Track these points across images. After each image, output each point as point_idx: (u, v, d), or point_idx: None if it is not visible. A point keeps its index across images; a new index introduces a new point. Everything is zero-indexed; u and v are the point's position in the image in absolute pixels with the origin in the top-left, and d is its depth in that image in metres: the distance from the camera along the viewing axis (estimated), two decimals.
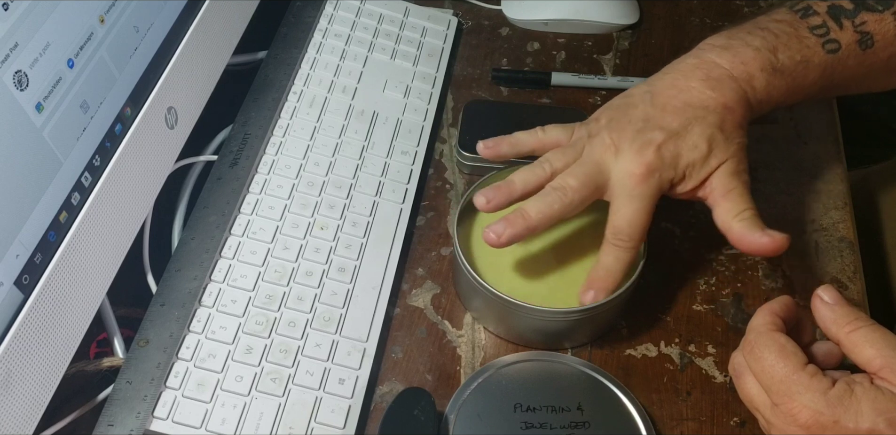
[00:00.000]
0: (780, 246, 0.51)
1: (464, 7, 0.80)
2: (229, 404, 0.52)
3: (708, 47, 0.57)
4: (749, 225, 0.52)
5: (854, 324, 0.47)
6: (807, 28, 0.56)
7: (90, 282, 0.50)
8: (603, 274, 0.53)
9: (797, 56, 0.55)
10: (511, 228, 0.53)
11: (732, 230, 0.52)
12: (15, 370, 0.44)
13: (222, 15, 0.63)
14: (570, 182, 0.54)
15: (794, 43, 0.56)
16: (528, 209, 0.54)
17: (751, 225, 0.52)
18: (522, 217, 0.53)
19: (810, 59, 0.56)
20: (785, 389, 0.46)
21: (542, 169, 0.56)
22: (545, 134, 0.59)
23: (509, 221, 0.53)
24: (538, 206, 0.54)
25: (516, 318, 0.55)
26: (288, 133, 0.65)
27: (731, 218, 0.53)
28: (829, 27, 0.56)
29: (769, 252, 0.52)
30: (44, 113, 0.45)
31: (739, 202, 0.53)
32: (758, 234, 0.52)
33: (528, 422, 0.52)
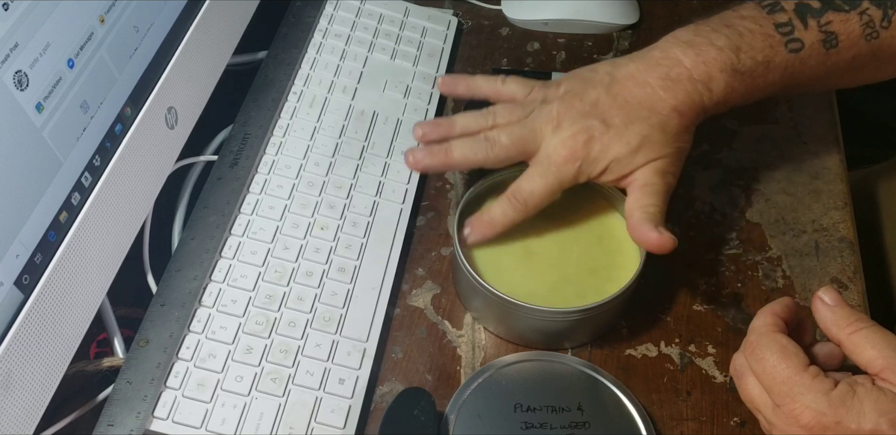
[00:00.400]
0: (665, 244, 0.53)
1: (464, 7, 0.80)
2: (229, 404, 0.52)
3: (674, 41, 0.57)
4: (647, 218, 0.54)
5: (855, 325, 0.47)
6: (772, 25, 0.56)
7: (90, 282, 0.50)
8: (487, 220, 0.57)
9: (759, 56, 0.55)
10: (430, 158, 0.57)
11: (631, 219, 0.54)
12: (15, 370, 0.44)
13: (222, 15, 0.63)
14: (502, 139, 0.56)
15: (757, 42, 0.56)
16: (453, 148, 0.57)
17: (649, 218, 0.54)
18: (445, 153, 0.57)
19: (772, 59, 0.56)
20: (787, 390, 0.46)
21: (486, 119, 0.58)
22: (504, 85, 0.61)
23: (432, 151, 0.57)
24: (463, 149, 0.57)
25: (516, 318, 0.55)
26: (288, 133, 0.65)
27: (635, 207, 0.55)
28: (794, 26, 0.56)
29: (654, 247, 0.53)
30: (44, 113, 0.45)
31: (651, 197, 0.55)
32: (649, 226, 0.53)
33: (528, 422, 0.52)
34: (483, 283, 0.54)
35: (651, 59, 0.57)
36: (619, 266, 0.57)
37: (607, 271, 0.57)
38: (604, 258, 0.58)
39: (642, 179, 0.55)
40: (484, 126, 0.58)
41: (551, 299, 0.55)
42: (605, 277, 0.57)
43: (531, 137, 0.56)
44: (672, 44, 0.57)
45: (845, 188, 0.68)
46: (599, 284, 0.56)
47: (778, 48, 0.56)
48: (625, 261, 0.57)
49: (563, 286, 0.56)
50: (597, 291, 0.55)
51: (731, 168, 0.69)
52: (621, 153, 0.55)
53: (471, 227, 0.57)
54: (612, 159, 0.55)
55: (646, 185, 0.55)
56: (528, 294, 0.54)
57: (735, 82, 0.55)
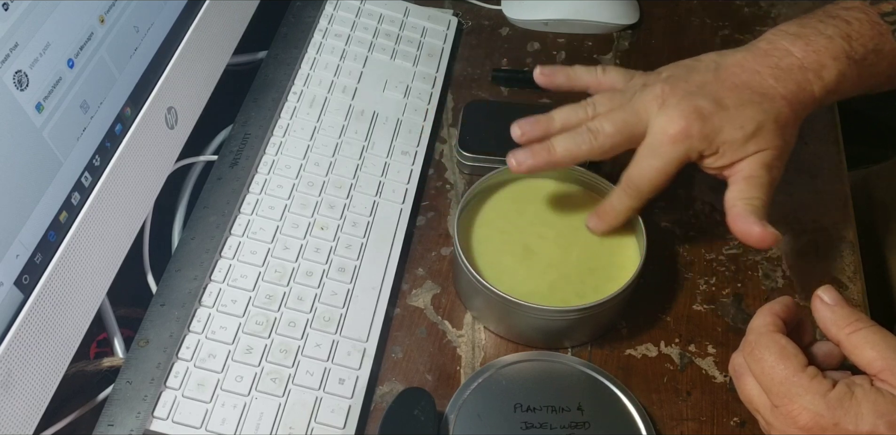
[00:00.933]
0: (767, 239, 0.51)
1: (464, 7, 0.80)
2: (229, 404, 0.52)
3: (781, 34, 0.56)
4: (751, 210, 0.52)
5: (854, 325, 0.47)
6: (878, 14, 0.55)
7: (90, 282, 0.50)
8: (608, 210, 0.57)
9: (870, 44, 0.55)
10: (534, 158, 0.55)
11: (734, 209, 0.53)
12: (15, 370, 0.44)
13: (222, 15, 0.63)
14: (605, 126, 0.54)
15: (866, 30, 0.55)
16: (555, 144, 0.55)
17: (753, 211, 0.52)
18: (548, 151, 0.54)
19: (882, 47, 0.55)
20: (785, 391, 0.46)
21: (585, 111, 0.56)
22: (604, 74, 0.59)
23: (534, 150, 0.55)
24: (566, 143, 0.54)
25: (516, 317, 0.55)
26: (288, 133, 0.65)
27: (738, 198, 0.53)
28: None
29: (755, 241, 0.52)
30: (44, 113, 0.45)
31: (756, 189, 0.53)
32: (753, 219, 0.52)
33: (528, 422, 0.52)
34: (483, 282, 0.54)
35: (759, 50, 0.56)
36: (618, 266, 0.57)
37: (607, 271, 0.57)
38: (604, 258, 0.58)
39: (748, 170, 0.53)
40: (584, 117, 0.56)
41: (551, 298, 0.55)
42: (604, 277, 0.57)
43: (636, 120, 0.54)
44: (779, 36, 0.56)
45: (845, 188, 0.68)
46: (599, 284, 0.56)
47: (887, 36, 0.55)
48: (625, 260, 0.57)
49: (563, 285, 0.56)
50: (596, 291, 0.55)
51: None
52: (735, 137, 0.53)
53: (595, 218, 0.57)
54: (723, 141, 0.53)
55: (751, 177, 0.53)
56: (528, 293, 0.54)
57: (848, 69, 0.54)
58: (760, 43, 0.56)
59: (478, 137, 0.67)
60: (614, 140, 0.54)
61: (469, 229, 0.59)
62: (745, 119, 0.53)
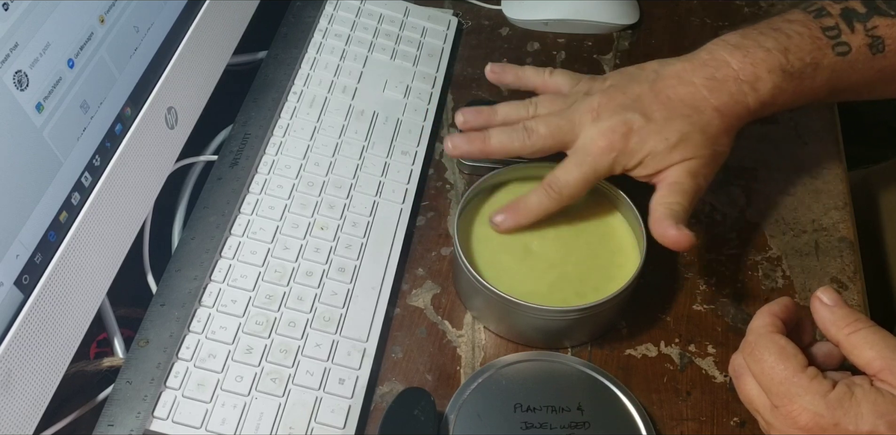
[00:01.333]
0: (682, 241, 0.53)
1: (464, 7, 0.80)
2: (229, 404, 0.52)
3: (722, 44, 0.57)
4: (668, 214, 0.54)
5: (853, 326, 0.47)
6: (819, 29, 0.56)
7: (90, 282, 0.50)
8: (522, 207, 0.58)
9: (807, 58, 0.56)
10: (468, 144, 0.59)
11: (654, 213, 0.55)
12: (15, 370, 0.44)
13: (222, 15, 0.63)
14: (539, 128, 0.57)
15: (805, 44, 0.56)
16: (491, 135, 0.58)
17: (670, 215, 0.54)
18: (483, 140, 0.58)
19: (820, 60, 0.56)
20: (785, 392, 0.46)
21: (527, 109, 0.60)
22: (551, 77, 0.62)
23: (470, 138, 0.59)
24: (501, 137, 0.58)
25: (516, 317, 0.55)
26: (288, 133, 0.65)
27: (659, 203, 0.55)
28: (840, 29, 0.56)
29: (671, 243, 0.54)
30: (44, 113, 0.45)
31: (677, 195, 0.55)
32: (669, 223, 0.54)
33: (528, 422, 0.52)
34: (483, 282, 0.54)
35: (698, 60, 0.57)
36: (618, 265, 0.57)
37: (607, 271, 0.57)
38: (604, 257, 0.58)
39: (672, 177, 0.56)
40: (524, 115, 0.59)
41: (551, 298, 0.55)
42: (604, 277, 0.57)
43: (569, 128, 0.57)
44: (719, 46, 0.57)
45: (845, 188, 0.68)
46: (599, 284, 0.56)
47: (826, 50, 0.56)
48: (625, 260, 0.57)
49: (563, 285, 0.56)
50: (596, 291, 0.55)
51: (731, 168, 0.68)
52: (657, 148, 0.55)
53: (505, 213, 0.58)
54: (647, 153, 0.55)
55: (675, 184, 0.55)
56: (528, 293, 0.54)
57: (783, 83, 0.56)
58: (701, 53, 0.58)
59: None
60: (545, 142, 0.57)
61: (469, 229, 0.59)
62: (671, 131, 0.55)
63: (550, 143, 0.57)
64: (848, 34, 0.56)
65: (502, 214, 0.58)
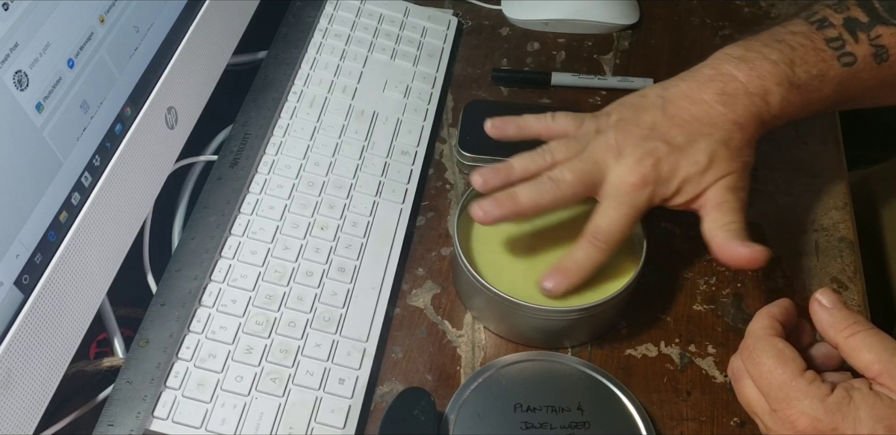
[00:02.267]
0: (758, 258, 0.52)
1: (464, 7, 0.80)
2: (229, 404, 0.52)
3: (725, 58, 0.56)
4: (732, 236, 0.53)
5: (852, 328, 0.47)
6: (823, 40, 0.56)
7: (90, 282, 0.50)
8: (571, 266, 0.54)
9: (813, 70, 0.55)
10: (499, 208, 0.55)
11: (715, 239, 0.53)
12: (15, 370, 0.44)
13: (222, 15, 0.63)
14: (566, 175, 0.55)
15: (810, 56, 0.55)
16: (519, 194, 0.55)
17: (733, 236, 0.53)
18: (512, 200, 0.55)
19: (826, 72, 0.55)
20: (783, 396, 0.45)
21: (543, 158, 0.56)
22: (554, 121, 0.59)
23: (499, 201, 0.55)
24: (530, 193, 0.55)
25: (516, 317, 0.55)
26: (288, 133, 0.65)
27: (716, 227, 0.53)
28: (844, 40, 0.56)
29: (746, 263, 0.52)
30: (44, 113, 0.45)
31: (729, 214, 0.54)
32: (736, 243, 0.52)
33: (528, 422, 0.52)
34: (483, 282, 0.54)
35: (703, 77, 0.56)
36: (618, 266, 0.57)
37: (607, 271, 0.57)
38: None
39: (715, 199, 0.54)
40: (543, 165, 0.56)
41: (551, 299, 0.55)
42: (604, 277, 0.57)
43: (594, 169, 0.55)
44: (723, 60, 0.56)
45: (845, 188, 0.68)
46: (599, 284, 0.56)
47: (831, 62, 0.55)
48: (625, 260, 0.57)
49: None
50: (596, 291, 0.55)
51: None
52: (691, 172, 0.54)
53: (554, 278, 0.54)
54: (682, 179, 0.54)
55: (721, 204, 0.54)
56: (528, 293, 0.54)
57: (791, 96, 0.55)
58: (704, 69, 0.57)
59: (478, 137, 0.67)
60: (575, 189, 0.55)
61: (469, 229, 0.59)
62: (698, 153, 0.54)
63: (580, 189, 0.55)
64: (852, 44, 0.56)
65: (552, 280, 0.54)
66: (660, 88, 0.57)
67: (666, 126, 0.55)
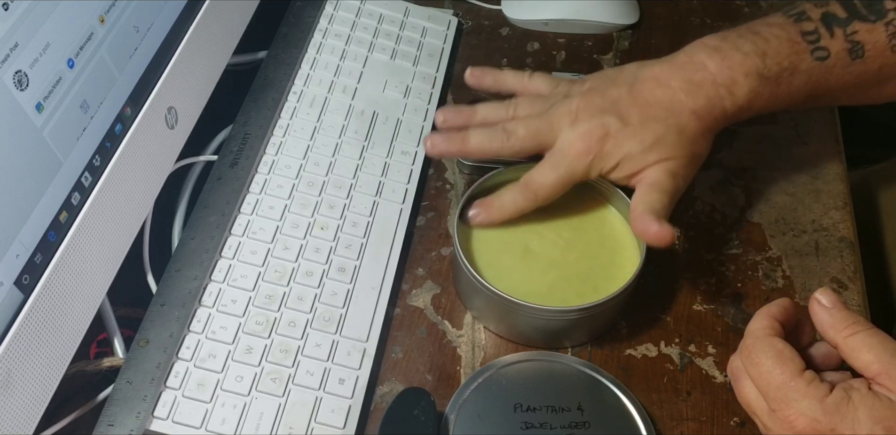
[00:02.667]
0: (664, 236, 0.53)
1: (464, 7, 0.80)
2: (229, 404, 0.52)
3: (701, 47, 0.58)
4: (650, 210, 0.54)
5: (852, 328, 0.47)
6: (798, 33, 0.56)
7: (90, 282, 0.50)
8: (496, 205, 0.58)
9: (784, 62, 0.56)
10: (446, 143, 0.59)
11: (634, 210, 0.55)
12: (15, 370, 0.44)
13: (222, 15, 0.63)
14: (519, 130, 0.57)
15: (784, 48, 0.56)
16: (470, 136, 0.58)
17: (652, 211, 0.54)
18: (462, 140, 0.58)
19: (797, 65, 0.56)
20: (782, 396, 0.45)
21: (506, 110, 0.60)
22: (530, 80, 0.62)
23: (449, 137, 0.59)
24: (480, 137, 0.58)
25: (516, 317, 0.55)
26: (288, 133, 0.65)
27: (640, 202, 0.55)
28: (820, 34, 0.56)
29: (652, 238, 0.54)
30: (44, 113, 0.45)
31: (657, 194, 0.55)
32: (650, 218, 0.54)
33: (528, 422, 0.52)
34: (483, 282, 0.54)
35: (676, 63, 0.57)
36: (618, 265, 0.57)
37: (607, 271, 0.57)
38: (604, 257, 0.58)
39: (651, 177, 0.56)
40: (504, 117, 0.59)
41: (551, 299, 0.55)
42: (604, 277, 0.57)
43: (547, 130, 0.57)
44: (698, 49, 0.57)
45: (845, 188, 0.68)
46: (599, 284, 0.56)
47: (804, 55, 0.56)
48: (625, 260, 0.57)
49: (563, 285, 0.56)
50: (596, 291, 0.55)
51: (731, 168, 0.69)
52: (633, 150, 0.55)
53: (479, 209, 0.58)
54: (623, 155, 0.56)
55: (654, 183, 0.56)
56: (528, 293, 0.54)
57: (760, 87, 0.56)
58: (680, 55, 0.58)
59: None
60: (524, 144, 0.57)
61: (469, 229, 0.59)
62: (646, 134, 0.56)
63: (529, 145, 0.57)
64: (827, 39, 0.56)
65: (476, 209, 0.58)
66: (636, 66, 0.59)
67: (627, 103, 0.57)
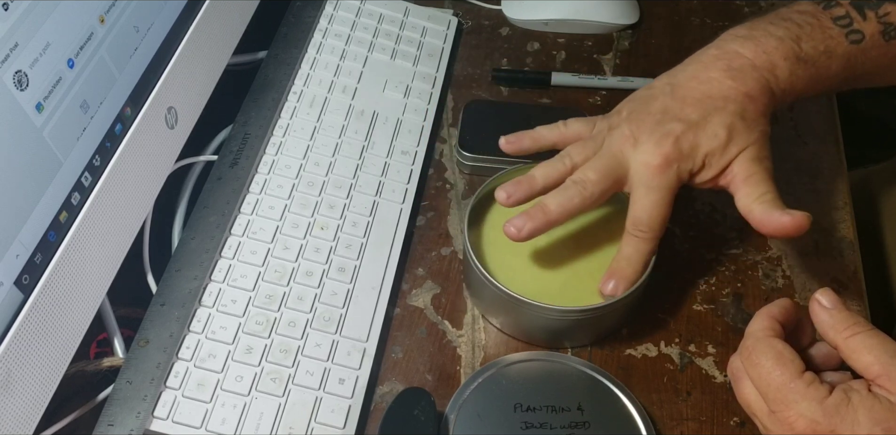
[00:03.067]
0: (801, 224, 0.51)
1: (464, 7, 0.80)
2: (229, 404, 0.52)
3: (730, 38, 0.57)
4: (769, 207, 0.52)
5: (852, 329, 0.46)
6: (830, 19, 0.56)
7: (90, 282, 0.50)
8: (624, 264, 0.54)
9: (820, 46, 0.55)
10: (531, 222, 0.54)
11: (753, 213, 0.53)
12: (15, 370, 0.44)
13: (222, 15, 0.63)
14: (589, 175, 0.54)
15: (817, 33, 0.55)
16: (548, 203, 0.54)
17: (771, 206, 0.52)
18: (542, 211, 0.54)
19: (834, 49, 0.55)
20: (782, 397, 0.45)
21: (563, 163, 0.56)
22: (566, 128, 0.59)
23: (530, 215, 0.54)
24: (558, 199, 0.54)
25: (526, 316, 0.55)
26: (288, 133, 0.65)
27: (751, 201, 0.53)
28: (852, 18, 0.56)
29: (791, 231, 0.51)
30: (44, 113, 0.45)
31: (760, 186, 0.53)
32: (777, 213, 0.51)
33: (528, 422, 0.52)
34: (494, 281, 0.54)
35: (708, 57, 0.56)
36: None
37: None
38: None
39: (743, 172, 0.54)
40: (563, 171, 0.56)
41: (563, 298, 0.55)
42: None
43: (616, 163, 0.55)
44: (728, 40, 0.57)
45: (845, 188, 0.68)
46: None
47: (839, 39, 0.55)
48: None
49: (575, 285, 0.56)
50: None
51: None
52: (713, 146, 0.54)
53: (612, 280, 0.54)
54: (705, 153, 0.54)
55: (749, 177, 0.54)
56: (539, 293, 0.54)
57: (799, 70, 0.55)
58: (710, 50, 0.57)
59: (478, 137, 0.67)
60: (602, 187, 0.54)
61: (479, 230, 0.59)
62: (716, 127, 0.54)
63: (606, 186, 0.54)
64: (860, 22, 0.55)
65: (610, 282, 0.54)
66: (667, 77, 0.58)
67: (678, 107, 0.55)
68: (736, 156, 0.54)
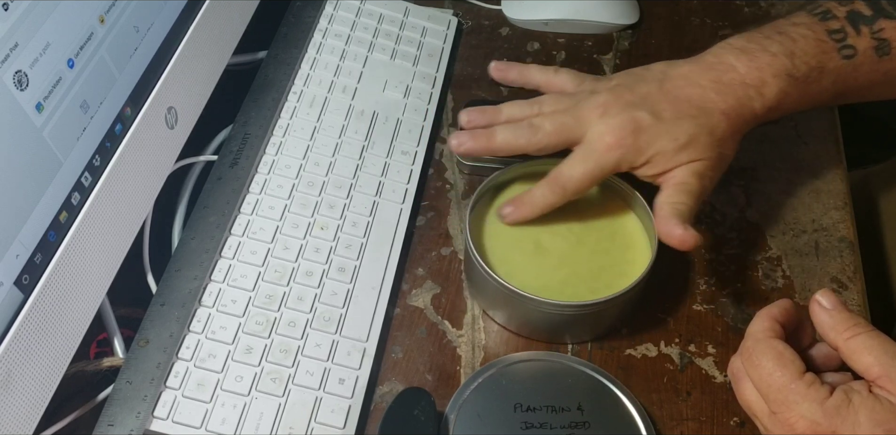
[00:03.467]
0: (687, 240, 0.53)
1: (464, 7, 0.80)
2: (229, 404, 0.52)
3: (728, 48, 0.57)
4: (675, 214, 0.54)
5: (852, 330, 0.46)
6: (825, 32, 0.56)
7: (90, 282, 0.50)
8: (526, 201, 0.57)
9: (813, 61, 0.56)
10: (473, 141, 0.58)
11: (660, 212, 0.55)
12: (15, 370, 0.44)
13: (222, 15, 0.63)
14: (545, 125, 0.57)
15: (811, 48, 0.56)
16: (496, 132, 0.58)
17: (676, 214, 0.54)
18: (487, 137, 0.58)
19: (825, 64, 0.56)
20: (782, 398, 0.45)
21: (531, 108, 0.59)
22: (555, 76, 0.62)
23: (475, 134, 0.58)
24: (506, 133, 0.58)
25: (527, 311, 0.55)
26: (288, 133, 0.65)
27: (666, 202, 0.55)
28: (846, 32, 0.56)
29: (676, 242, 0.53)
30: (44, 113, 0.45)
31: (684, 195, 0.55)
32: (675, 221, 0.53)
33: (528, 422, 0.52)
34: (495, 276, 0.54)
35: (704, 63, 0.57)
36: (630, 262, 0.57)
37: (619, 267, 0.57)
38: (616, 254, 0.58)
39: (679, 178, 0.55)
40: (529, 114, 0.58)
41: (563, 294, 0.55)
42: (616, 273, 0.57)
43: (575, 124, 0.56)
44: (725, 50, 0.57)
45: (845, 188, 0.68)
46: (611, 280, 0.56)
47: (831, 54, 0.56)
48: (636, 257, 0.57)
49: (576, 282, 0.56)
50: (608, 287, 0.55)
51: (731, 168, 0.68)
52: (666, 148, 0.55)
53: (511, 206, 0.58)
54: (655, 152, 0.55)
55: (681, 184, 0.55)
56: (540, 288, 0.54)
57: (789, 87, 0.56)
58: (707, 56, 0.58)
59: None
60: (551, 139, 0.57)
61: (481, 226, 0.59)
62: (680, 132, 0.55)
63: (556, 140, 0.57)
64: (854, 37, 0.56)
65: (509, 207, 0.58)
66: (665, 65, 0.59)
67: (658, 98, 0.56)
68: (683, 163, 0.55)
